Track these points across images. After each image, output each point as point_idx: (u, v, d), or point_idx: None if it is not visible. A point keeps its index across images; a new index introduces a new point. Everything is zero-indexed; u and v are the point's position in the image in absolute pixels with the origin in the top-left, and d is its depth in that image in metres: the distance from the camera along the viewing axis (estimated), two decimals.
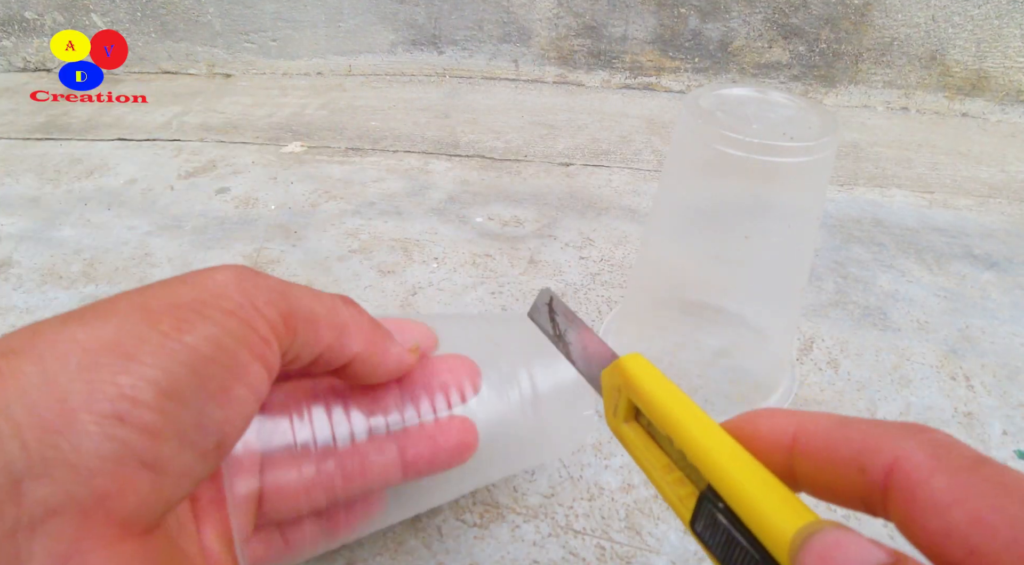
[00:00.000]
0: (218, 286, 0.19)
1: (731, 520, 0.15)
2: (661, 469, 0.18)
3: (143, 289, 0.19)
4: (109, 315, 0.18)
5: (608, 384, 0.20)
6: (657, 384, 0.18)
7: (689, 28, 0.80)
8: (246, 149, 0.66)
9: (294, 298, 0.21)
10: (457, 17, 0.82)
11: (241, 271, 0.20)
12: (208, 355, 0.18)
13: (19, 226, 0.53)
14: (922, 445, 0.13)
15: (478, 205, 0.57)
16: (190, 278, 0.20)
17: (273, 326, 0.20)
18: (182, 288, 0.19)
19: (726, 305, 0.39)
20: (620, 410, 0.20)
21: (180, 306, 0.18)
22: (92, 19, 0.83)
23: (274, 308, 0.20)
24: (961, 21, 0.76)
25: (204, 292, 0.19)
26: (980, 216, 0.59)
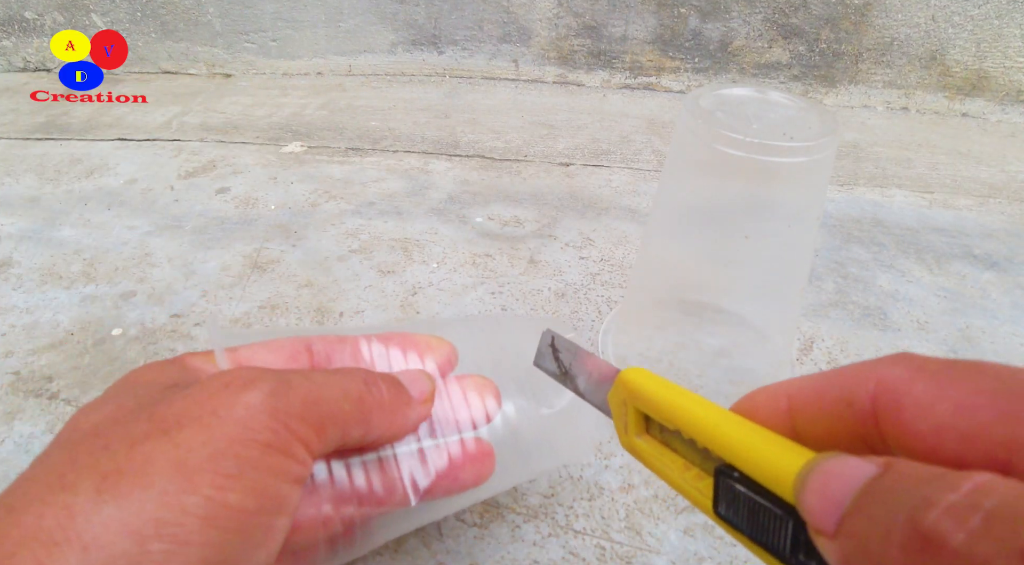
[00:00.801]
0: (251, 415, 0.19)
1: (749, 486, 0.15)
2: (679, 471, 0.18)
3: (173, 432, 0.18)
4: (147, 485, 0.17)
5: (614, 402, 0.21)
6: (658, 385, 0.19)
7: (689, 28, 0.80)
8: (246, 149, 0.66)
9: (325, 405, 0.21)
10: (457, 17, 0.82)
11: (272, 389, 0.20)
12: (253, 508, 0.18)
13: (19, 226, 0.53)
14: (900, 365, 0.14)
15: (478, 205, 0.57)
16: (220, 406, 0.19)
17: (308, 443, 0.20)
18: (215, 427, 0.18)
19: (726, 305, 0.39)
20: (630, 425, 0.20)
21: (218, 456, 0.18)
22: (92, 19, 0.83)
23: (307, 423, 0.20)
24: (961, 21, 0.76)
25: (237, 427, 0.18)
26: (980, 216, 0.59)
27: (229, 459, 0.18)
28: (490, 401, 0.26)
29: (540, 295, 0.46)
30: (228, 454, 0.18)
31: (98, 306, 0.44)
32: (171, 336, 0.42)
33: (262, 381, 0.20)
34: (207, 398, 0.19)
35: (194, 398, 0.19)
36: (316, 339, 0.25)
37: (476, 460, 0.25)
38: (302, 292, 0.46)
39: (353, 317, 0.44)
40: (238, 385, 0.19)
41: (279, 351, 0.24)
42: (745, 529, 0.15)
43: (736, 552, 0.30)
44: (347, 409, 0.21)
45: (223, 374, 0.20)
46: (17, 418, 0.36)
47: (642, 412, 0.19)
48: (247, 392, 0.19)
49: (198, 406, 0.19)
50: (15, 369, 0.39)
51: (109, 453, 0.17)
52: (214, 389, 0.19)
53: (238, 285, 0.47)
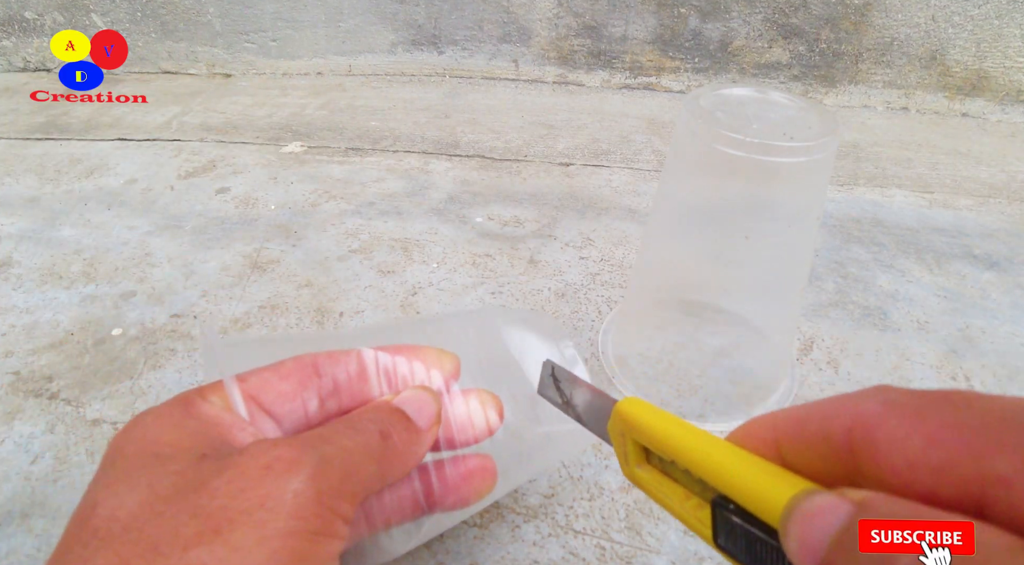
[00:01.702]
0: (300, 504, 0.18)
1: (744, 517, 0.15)
2: (679, 500, 0.18)
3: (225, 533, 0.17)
4: None
5: (614, 433, 0.21)
6: (653, 416, 0.19)
7: (689, 28, 0.80)
8: (246, 149, 0.66)
9: (356, 474, 0.20)
10: (457, 17, 0.82)
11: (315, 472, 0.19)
12: None
13: (19, 226, 0.53)
14: (874, 400, 0.14)
15: (478, 205, 0.57)
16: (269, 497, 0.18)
17: (347, 517, 0.19)
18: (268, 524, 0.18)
19: (726, 305, 0.39)
20: (630, 456, 0.20)
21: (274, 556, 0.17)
22: (92, 19, 0.83)
23: (346, 499, 0.20)
24: (961, 21, 0.76)
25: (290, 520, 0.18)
26: (980, 216, 0.59)
27: (284, 556, 0.17)
28: (492, 416, 0.26)
29: (540, 295, 0.46)
30: (283, 551, 0.17)
31: (98, 306, 0.44)
32: (171, 336, 0.42)
33: (304, 464, 0.19)
34: (252, 486, 0.18)
35: (238, 485, 0.18)
36: (322, 358, 0.25)
37: (478, 476, 0.25)
38: (302, 292, 0.46)
39: (353, 317, 0.44)
40: (281, 469, 0.19)
41: (288, 378, 0.24)
42: (744, 559, 0.15)
43: None
44: (372, 470, 0.21)
45: (261, 452, 0.19)
46: (17, 418, 0.36)
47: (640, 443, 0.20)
48: (292, 478, 0.19)
49: (244, 497, 0.18)
50: (15, 369, 0.39)
51: (161, 558, 0.17)
52: (257, 474, 0.18)
53: (238, 285, 0.47)
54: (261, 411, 0.23)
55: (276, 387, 0.23)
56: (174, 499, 0.18)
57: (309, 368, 0.24)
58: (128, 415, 0.36)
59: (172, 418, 0.21)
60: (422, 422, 0.23)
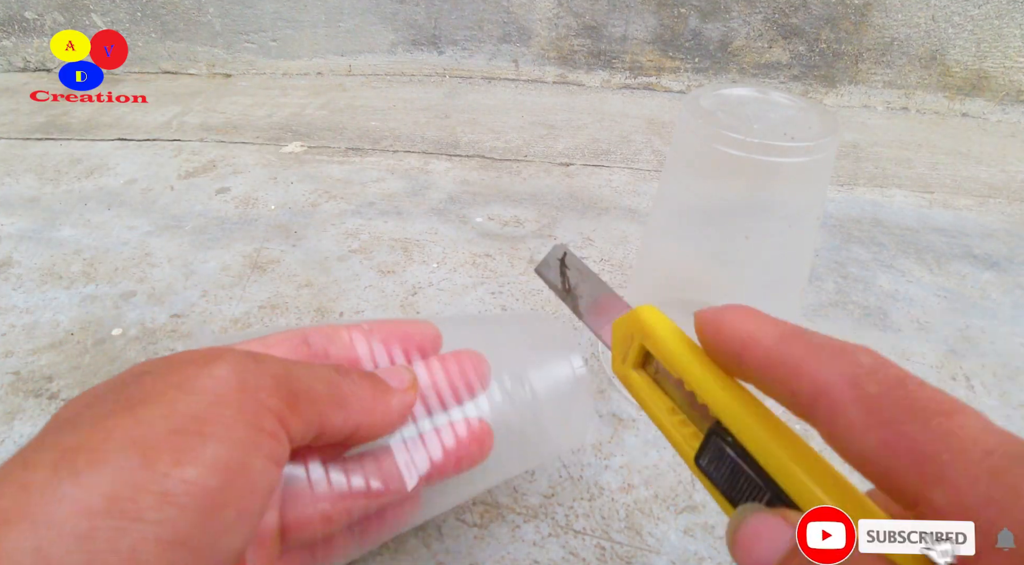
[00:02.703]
0: (218, 387, 0.18)
1: (738, 452, 0.16)
2: (666, 412, 0.19)
3: (137, 408, 0.17)
4: (103, 460, 0.16)
5: (620, 333, 0.21)
6: (672, 332, 0.20)
7: (689, 28, 0.80)
8: (246, 149, 0.66)
9: (295, 380, 0.20)
10: (457, 17, 0.82)
11: (240, 362, 0.19)
12: (215, 486, 0.17)
13: (19, 226, 0.53)
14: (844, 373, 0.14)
15: (478, 205, 0.57)
16: (186, 381, 0.18)
17: (280, 416, 0.19)
18: (179, 402, 0.18)
19: None
20: (630, 357, 0.21)
21: (178, 432, 0.17)
22: (92, 19, 0.83)
23: (277, 396, 0.19)
24: (961, 21, 0.76)
25: (203, 401, 0.18)
26: (980, 216, 0.59)
27: (191, 436, 0.17)
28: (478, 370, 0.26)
29: (540, 295, 0.46)
30: (189, 428, 0.17)
31: (98, 306, 0.44)
32: (171, 336, 0.42)
33: (230, 354, 0.19)
34: (172, 373, 0.19)
35: (160, 374, 0.19)
36: (312, 331, 0.25)
37: (474, 438, 0.25)
38: (302, 292, 0.46)
39: (353, 317, 0.44)
40: (205, 360, 0.19)
41: (276, 346, 0.24)
42: (721, 485, 0.17)
43: None
44: (320, 389, 0.21)
45: (191, 351, 0.20)
46: (17, 418, 0.36)
47: (645, 349, 0.20)
48: (214, 365, 0.19)
49: (163, 381, 0.18)
50: (15, 369, 0.39)
51: (73, 431, 0.17)
52: (180, 364, 0.19)
53: (238, 285, 0.47)
54: None
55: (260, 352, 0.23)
56: (107, 394, 0.19)
57: (298, 339, 0.24)
58: None
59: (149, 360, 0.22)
60: (393, 382, 0.24)
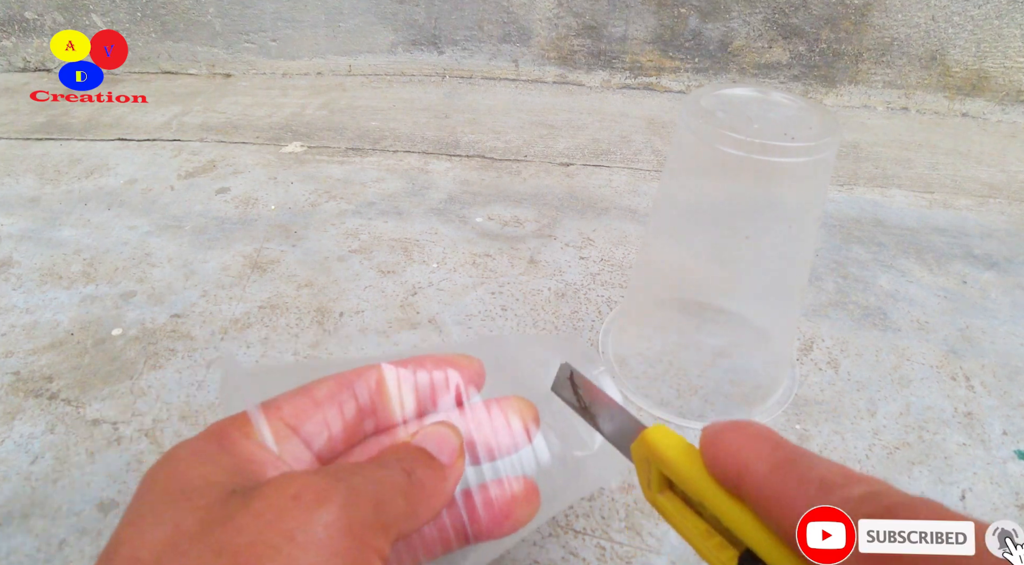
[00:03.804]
0: (330, 536, 0.17)
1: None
2: (701, 536, 0.18)
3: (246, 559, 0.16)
4: None
5: (638, 457, 0.21)
6: (681, 454, 0.19)
7: (689, 28, 0.80)
8: (246, 149, 0.66)
9: (387, 508, 0.19)
10: (457, 17, 0.82)
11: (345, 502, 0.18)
12: None
13: (19, 226, 0.53)
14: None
15: (478, 205, 0.57)
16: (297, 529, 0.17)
17: (380, 551, 0.18)
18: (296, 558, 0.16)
19: (726, 305, 0.39)
20: (653, 482, 0.20)
21: None
22: (92, 19, 0.83)
23: (378, 533, 0.18)
24: (961, 21, 0.76)
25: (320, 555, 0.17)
26: (980, 216, 0.59)
27: None
28: (531, 423, 0.25)
29: (540, 295, 0.46)
30: None
31: (98, 306, 0.44)
32: (171, 336, 0.42)
33: (334, 493, 0.18)
34: (279, 518, 0.17)
35: (265, 518, 0.17)
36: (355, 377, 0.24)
37: (521, 499, 0.24)
38: (302, 292, 0.46)
39: (353, 317, 0.44)
40: (311, 499, 0.18)
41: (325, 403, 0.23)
42: None
43: None
44: (401, 506, 0.20)
45: (288, 484, 0.18)
46: (17, 418, 0.36)
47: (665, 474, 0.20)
48: (322, 509, 0.17)
49: (272, 530, 0.17)
50: (15, 369, 0.39)
51: None
52: (285, 505, 0.17)
53: (238, 285, 0.47)
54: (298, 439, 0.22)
55: (311, 415, 0.22)
56: (199, 536, 0.17)
57: (346, 392, 0.23)
58: (128, 415, 0.36)
59: (205, 452, 0.20)
60: (444, 457, 0.23)
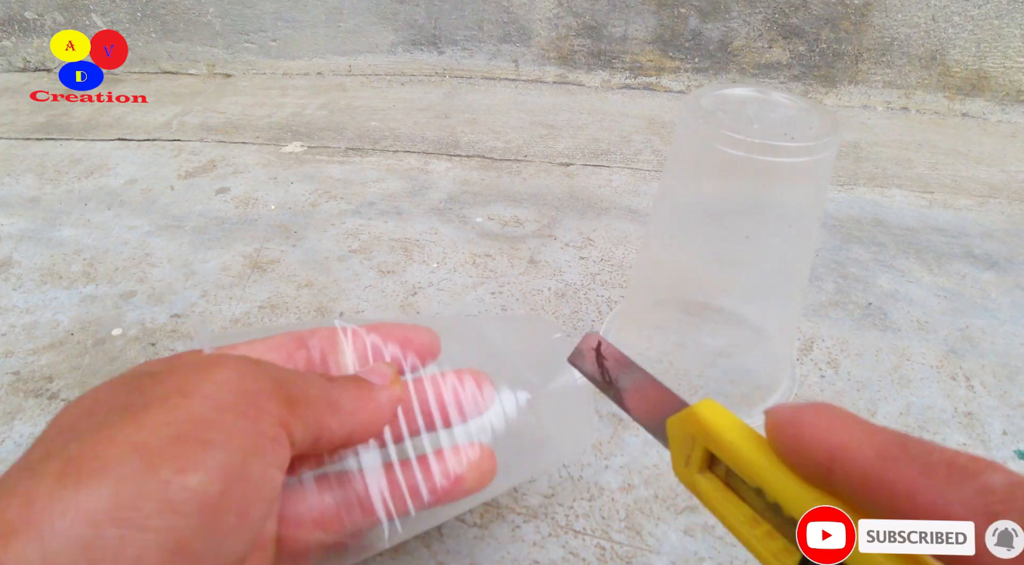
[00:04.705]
0: (220, 393, 0.18)
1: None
2: (747, 522, 0.17)
3: (139, 414, 0.17)
4: (106, 469, 0.16)
5: (679, 433, 0.19)
6: (741, 434, 0.17)
7: (689, 28, 0.80)
8: (246, 149, 0.66)
9: (293, 385, 0.20)
10: (457, 17, 0.82)
11: (241, 367, 0.19)
12: (217, 493, 0.17)
13: (19, 226, 0.53)
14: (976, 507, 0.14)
15: (478, 205, 0.57)
16: (187, 386, 0.18)
17: (281, 421, 0.19)
18: (181, 408, 0.18)
19: (726, 305, 0.39)
20: (693, 461, 0.18)
21: (181, 439, 0.17)
22: (92, 19, 0.83)
23: (278, 400, 0.19)
24: (961, 21, 0.76)
25: (205, 407, 0.18)
26: (980, 216, 0.59)
27: (192, 440, 0.17)
28: (487, 389, 0.26)
29: (540, 295, 0.46)
30: (191, 435, 0.17)
31: (98, 306, 0.44)
32: (171, 336, 0.42)
33: (231, 360, 0.19)
34: (173, 377, 0.19)
35: (161, 378, 0.19)
36: (308, 334, 0.25)
37: (474, 467, 0.25)
38: (302, 292, 0.46)
39: (353, 317, 0.44)
40: (207, 364, 0.19)
41: (276, 349, 0.24)
42: None
43: (736, 552, 0.30)
44: (315, 395, 0.21)
45: (191, 354, 0.20)
46: (17, 418, 0.36)
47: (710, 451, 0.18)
48: (215, 370, 0.19)
49: (164, 386, 0.18)
50: (15, 369, 0.39)
51: (76, 440, 0.17)
52: (181, 368, 0.19)
53: (238, 285, 0.47)
54: None
55: (261, 353, 0.23)
56: (110, 399, 0.19)
57: (296, 343, 0.24)
58: None
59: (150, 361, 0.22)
60: (375, 379, 0.23)
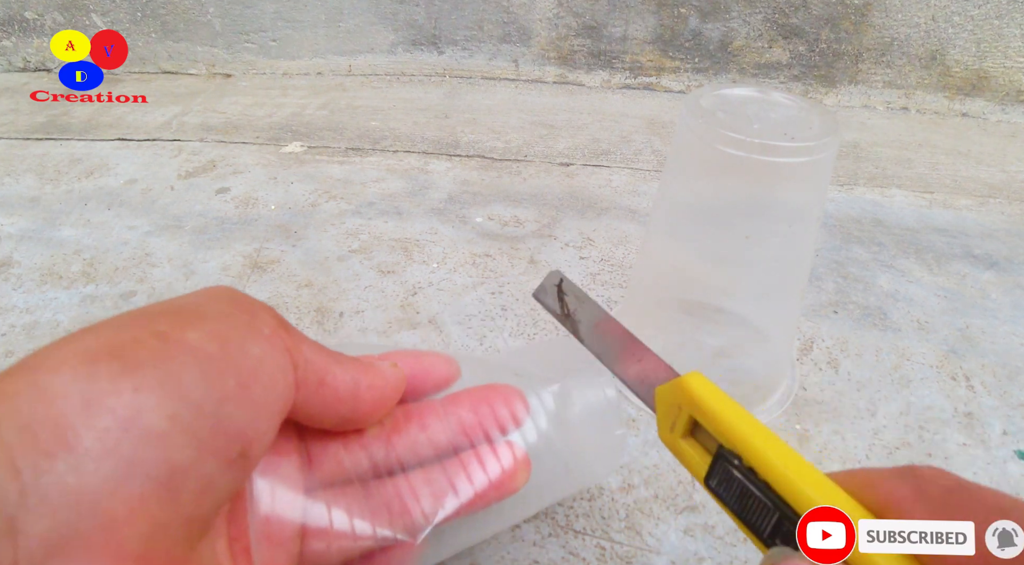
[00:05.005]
0: (215, 291, 0.19)
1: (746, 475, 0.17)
2: None
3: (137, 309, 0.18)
4: (105, 326, 0.16)
5: (665, 401, 0.21)
6: (723, 405, 0.19)
7: (689, 28, 0.80)
8: (246, 149, 0.66)
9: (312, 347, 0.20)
10: (457, 17, 0.82)
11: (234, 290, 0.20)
12: (214, 352, 0.16)
13: (19, 226, 0.53)
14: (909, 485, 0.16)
15: (478, 205, 0.57)
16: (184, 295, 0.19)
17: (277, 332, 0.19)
18: (178, 298, 0.19)
19: (726, 305, 0.39)
20: (678, 426, 0.20)
21: (179, 309, 0.17)
22: (92, 19, 0.83)
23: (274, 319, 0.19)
24: (961, 21, 0.76)
25: (202, 297, 0.18)
26: (980, 216, 0.59)
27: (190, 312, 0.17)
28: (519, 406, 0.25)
29: None
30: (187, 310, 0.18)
31: (98, 306, 0.44)
32: None
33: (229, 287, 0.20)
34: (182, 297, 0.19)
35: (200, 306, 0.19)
36: None
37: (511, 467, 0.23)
38: (302, 292, 0.46)
39: (353, 317, 0.44)
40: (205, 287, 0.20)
41: None
42: (733, 507, 0.18)
43: (736, 552, 0.30)
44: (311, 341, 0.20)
45: None
46: None
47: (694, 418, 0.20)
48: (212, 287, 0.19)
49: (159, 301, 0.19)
50: None
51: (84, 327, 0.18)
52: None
53: (238, 285, 0.47)
54: None
55: None
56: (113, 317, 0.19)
57: None
58: None
59: None
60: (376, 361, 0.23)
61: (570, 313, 0.25)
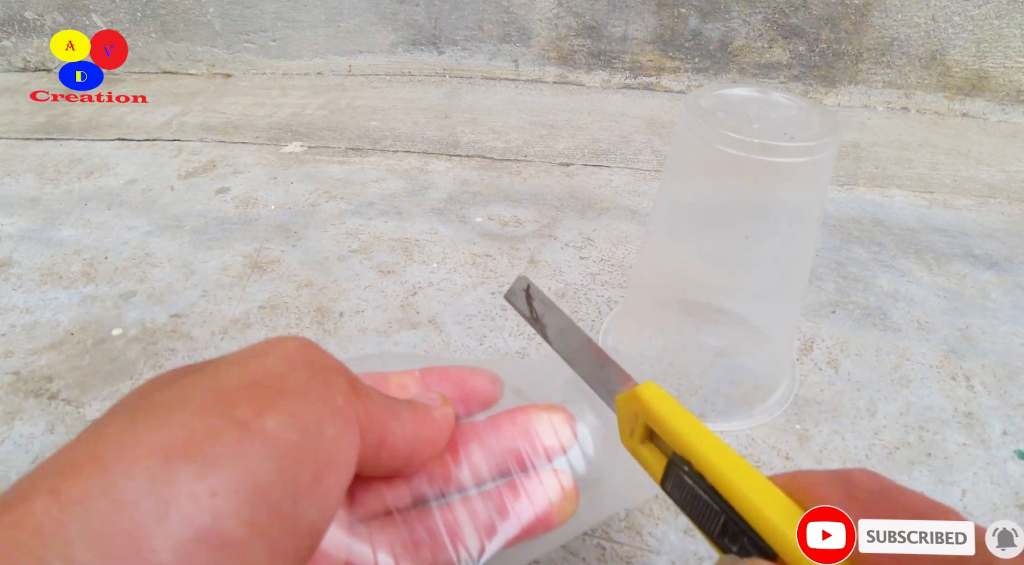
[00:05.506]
0: (291, 355, 0.18)
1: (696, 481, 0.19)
2: None
3: (214, 367, 0.17)
4: (179, 408, 0.15)
5: (624, 409, 0.22)
6: (675, 416, 0.20)
7: (689, 28, 0.80)
8: (246, 149, 0.66)
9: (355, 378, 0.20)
10: (457, 17, 0.82)
11: (305, 341, 0.19)
12: (293, 441, 0.16)
13: (19, 226, 0.53)
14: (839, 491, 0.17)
15: (478, 205, 0.57)
16: (258, 349, 0.18)
17: (348, 397, 0.18)
18: (254, 361, 0.18)
19: (726, 305, 0.39)
20: (636, 432, 0.22)
21: (257, 385, 0.16)
22: (92, 19, 0.83)
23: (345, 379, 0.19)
24: (961, 21, 0.76)
25: (278, 363, 0.18)
26: (980, 216, 0.59)
27: (268, 387, 0.16)
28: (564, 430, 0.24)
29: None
30: (267, 383, 0.17)
31: (98, 306, 0.44)
32: (171, 336, 0.42)
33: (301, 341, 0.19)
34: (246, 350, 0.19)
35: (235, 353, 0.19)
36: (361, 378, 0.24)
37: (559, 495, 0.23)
38: (302, 292, 0.46)
39: (353, 317, 0.44)
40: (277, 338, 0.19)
41: None
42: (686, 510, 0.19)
43: None
44: (375, 395, 0.20)
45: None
46: (17, 418, 0.36)
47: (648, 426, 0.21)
48: (284, 341, 0.19)
49: (235, 354, 0.18)
50: (15, 369, 0.39)
51: (149, 393, 0.17)
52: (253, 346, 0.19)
53: (238, 285, 0.47)
54: None
55: None
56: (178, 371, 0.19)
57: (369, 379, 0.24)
58: None
59: None
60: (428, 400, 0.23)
61: (538, 317, 0.25)
